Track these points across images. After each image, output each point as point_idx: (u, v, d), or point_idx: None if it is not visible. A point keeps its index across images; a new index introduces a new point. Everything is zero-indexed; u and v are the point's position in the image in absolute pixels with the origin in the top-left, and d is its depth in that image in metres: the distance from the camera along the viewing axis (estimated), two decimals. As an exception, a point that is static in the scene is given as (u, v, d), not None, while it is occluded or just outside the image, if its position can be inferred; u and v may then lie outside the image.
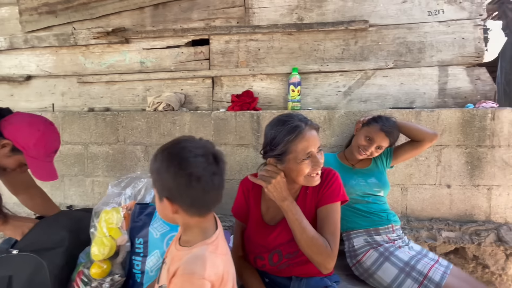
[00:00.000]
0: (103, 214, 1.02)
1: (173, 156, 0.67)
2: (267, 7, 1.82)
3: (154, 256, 1.01)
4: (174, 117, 1.75)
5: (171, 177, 0.66)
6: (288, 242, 0.89)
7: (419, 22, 1.69)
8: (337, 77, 1.77)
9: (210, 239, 0.70)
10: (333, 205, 0.89)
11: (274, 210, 0.95)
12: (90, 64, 2.02)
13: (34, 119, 0.99)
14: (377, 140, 1.29)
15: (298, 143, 0.83)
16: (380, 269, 1.10)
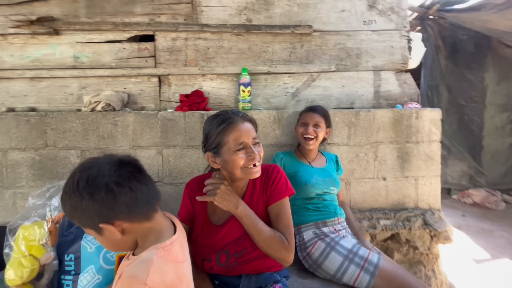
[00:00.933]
0: (21, 231, 0.86)
1: (80, 183, 0.60)
2: (215, 6, 1.79)
3: (88, 272, 0.90)
4: (115, 118, 1.60)
5: (91, 201, 0.60)
6: (235, 241, 0.89)
7: (356, 30, 1.85)
8: (285, 78, 1.84)
9: (163, 244, 0.65)
10: (283, 200, 0.93)
11: (221, 211, 0.93)
12: (8, 57, 1.73)
13: None
14: (309, 120, 1.42)
15: (230, 134, 0.85)
16: (327, 259, 1.16)
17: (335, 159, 1.51)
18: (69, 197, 0.61)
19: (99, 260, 0.92)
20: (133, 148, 1.62)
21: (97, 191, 0.59)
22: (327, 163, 1.46)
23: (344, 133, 1.69)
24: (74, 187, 0.60)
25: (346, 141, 1.69)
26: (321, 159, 1.48)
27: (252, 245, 0.88)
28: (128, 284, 0.57)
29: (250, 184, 0.94)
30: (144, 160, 1.62)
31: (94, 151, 1.60)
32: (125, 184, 0.61)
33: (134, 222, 0.64)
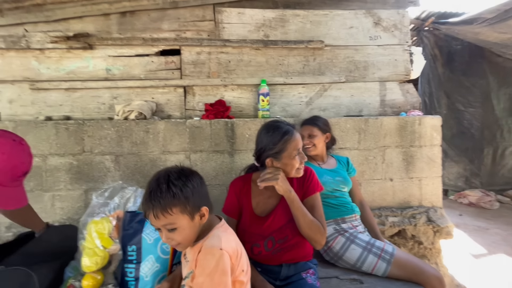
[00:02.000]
0: (93, 225, 1.01)
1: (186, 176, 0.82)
2: (236, 23, 1.96)
3: (148, 261, 1.04)
4: (147, 126, 1.75)
5: (198, 187, 0.82)
6: (279, 229, 1.05)
7: (363, 45, 2.04)
8: (300, 88, 2.01)
9: (220, 223, 0.86)
10: (317, 194, 1.12)
11: (263, 205, 1.10)
12: (45, 70, 1.87)
13: (1, 140, 0.89)
14: (303, 132, 1.56)
15: (292, 143, 1.05)
16: (347, 251, 1.31)
17: (346, 161, 1.65)
18: (191, 185, 0.79)
19: (157, 250, 1.06)
20: (163, 153, 1.76)
21: (199, 183, 0.83)
22: (338, 164, 1.62)
23: (354, 138, 1.86)
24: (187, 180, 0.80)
25: (356, 146, 1.86)
26: (332, 161, 1.63)
27: (292, 233, 1.04)
28: (210, 252, 0.76)
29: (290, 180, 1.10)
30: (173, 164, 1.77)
31: (127, 156, 1.74)
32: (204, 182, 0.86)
33: (210, 211, 0.85)
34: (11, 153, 0.89)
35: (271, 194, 1.10)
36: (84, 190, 1.73)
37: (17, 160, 0.91)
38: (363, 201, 1.61)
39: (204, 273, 0.73)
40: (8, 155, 0.88)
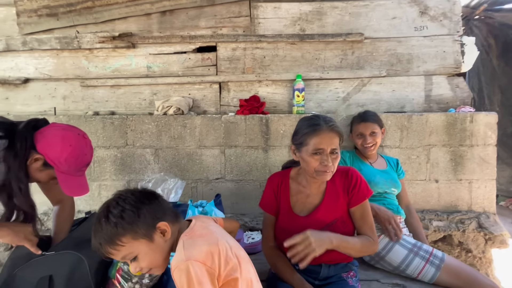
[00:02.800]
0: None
1: (123, 211, 0.71)
2: (271, 18, 1.94)
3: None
4: (184, 121, 1.80)
5: (137, 215, 0.71)
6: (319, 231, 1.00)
7: (407, 36, 1.90)
8: (336, 84, 1.94)
9: (186, 230, 0.76)
10: (365, 202, 1.03)
11: (301, 204, 1.06)
12: (94, 68, 2.01)
13: (67, 133, 0.97)
14: (365, 130, 1.50)
15: (313, 138, 0.95)
16: (390, 252, 1.24)
17: (396, 162, 1.58)
18: (121, 216, 0.70)
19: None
20: (199, 148, 1.81)
21: (142, 208, 0.72)
22: (388, 165, 1.54)
23: (396, 136, 1.75)
24: (123, 207, 0.71)
25: (398, 144, 1.75)
26: (382, 161, 1.56)
27: None
28: (177, 268, 0.66)
29: (329, 183, 1.05)
30: (209, 159, 1.81)
31: (166, 150, 1.82)
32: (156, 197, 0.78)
33: (171, 223, 0.75)
34: (76, 145, 0.97)
35: (310, 192, 1.07)
36: (127, 180, 1.84)
37: (81, 152, 0.98)
38: (410, 205, 1.52)
39: None
40: (73, 148, 0.95)
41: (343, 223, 1.01)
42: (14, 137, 0.89)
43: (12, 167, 0.87)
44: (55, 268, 0.95)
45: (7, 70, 2.03)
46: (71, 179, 0.97)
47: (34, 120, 0.98)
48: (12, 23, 2.01)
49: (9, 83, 2.02)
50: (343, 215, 1.01)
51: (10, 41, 1.99)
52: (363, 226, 1.02)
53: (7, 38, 1.99)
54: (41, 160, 0.93)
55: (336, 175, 1.04)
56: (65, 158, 0.94)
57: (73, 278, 0.95)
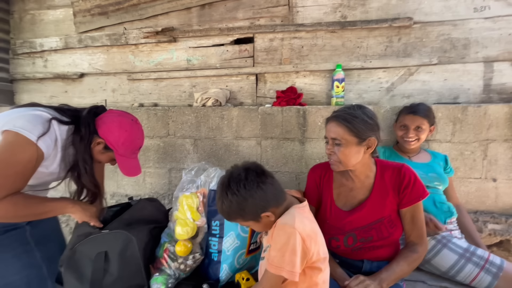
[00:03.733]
0: (184, 198, 1.12)
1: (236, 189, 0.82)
2: (311, 5, 1.88)
3: (229, 237, 1.11)
4: (222, 112, 1.84)
5: (250, 199, 0.81)
6: (362, 228, 0.97)
7: (464, 18, 1.71)
8: (380, 73, 1.82)
9: (299, 204, 0.86)
10: (419, 204, 0.96)
11: (344, 197, 1.03)
12: (139, 62, 2.14)
13: (123, 119, 1.06)
14: (410, 123, 1.39)
15: (325, 127, 1.04)
16: (437, 256, 1.16)
17: (443, 158, 1.45)
18: (234, 202, 0.81)
19: (238, 228, 1.12)
20: (236, 139, 1.84)
21: (254, 191, 0.80)
22: (432, 158, 1.43)
23: (447, 130, 1.60)
24: (235, 193, 0.81)
25: (449, 138, 1.61)
26: (424, 155, 1.45)
27: (378, 234, 0.95)
28: (282, 228, 0.78)
29: (377, 179, 1.00)
30: (245, 150, 1.83)
31: (204, 140, 1.88)
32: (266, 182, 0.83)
33: (278, 207, 0.84)
34: (131, 130, 1.06)
35: (353, 186, 1.03)
36: (168, 169, 1.95)
37: (135, 136, 1.08)
38: (460, 205, 1.40)
39: (276, 248, 0.77)
40: (129, 132, 1.05)
41: (390, 222, 0.96)
42: (79, 122, 0.99)
43: (79, 149, 0.97)
44: (109, 245, 1.04)
45: (66, 66, 2.25)
46: (128, 161, 1.07)
47: (95, 107, 1.09)
48: (69, 23, 2.21)
49: (68, 77, 2.24)
50: (391, 215, 0.96)
51: (68, 40, 2.19)
52: (412, 230, 0.96)
53: (66, 37, 2.20)
54: (102, 144, 1.03)
55: (387, 171, 0.99)
56: (122, 142, 1.03)
57: (125, 255, 1.03)
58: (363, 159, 0.98)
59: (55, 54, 2.26)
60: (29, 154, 0.86)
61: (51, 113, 0.97)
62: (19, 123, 0.87)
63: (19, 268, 0.98)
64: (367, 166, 1.02)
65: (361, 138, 0.95)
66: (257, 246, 1.19)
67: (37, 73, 2.28)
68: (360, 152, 0.96)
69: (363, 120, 0.95)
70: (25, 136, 0.85)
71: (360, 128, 0.94)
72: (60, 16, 2.24)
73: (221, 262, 1.09)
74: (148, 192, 2.00)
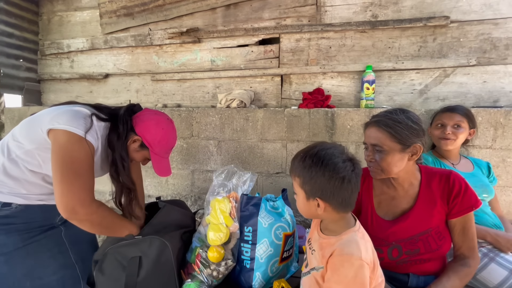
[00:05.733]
0: (216, 203, 1.08)
1: (326, 161, 0.73)
2: (339, 5, 1.82)
3: (263, 244, 1.07)
4: (247, 114, 1.81)
5: (326, 179, 0.72)
6: (408, 239, 0.91)
7: (506, 17, 1.61)
8: (412, 75, 1.74)
9: (356, 227, 0.76)
10: (470, 214, 0.89)
11: (385, 206, 0.97)
12: (163, 63, 2.14)
13: (159, 117, 1.05)
14: (447, 120, 1.31)
15: (365, 132, 0.98)
16: (484, 270, 1.08)
17: (486, 166, 1.36)
18: (313, 165, 0.73)
19: (271, 235, 1.08)
20: (261, 141, 1.81)
21: (335, 178, 0.71)
22: (475, 168, 1.34)
23: (488, 135, 1.51)
24: (322, 163, 0.72)
25: (490, 144, 1.51)
26: (466, 163, 1.36)
27: (426, 247, 0.89)
28: (348, 260, 0.69)
29: (423, 187, 0.94)
30: (270, 152, 1.79)
31: (228, 142, 1.85)
32: (352, 185, 0.73)
33: (336, 210, 0.75)
34: (168, 129, 1.05)
35: (395, 194, 0.97)
36: (191, 170, 1.94)
37: (171, 135, 1.06)
38: (504, 217, 1.30)
39: (340, 282, 0.68)
40: (165, 131, 1.03)
41: (438, 234, 0.89)
42: (117, 120, 0.99)
43: (116, 146, 0.97)
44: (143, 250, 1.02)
45: (91, 67, 2.28)
46: (161, 161, 1.06)
47: (132, 105, 1.08)
48: (95, 24, 2.24)
49: (93, 78, 2.27)
50: (439, 225, 0.89)
51: (94, 41, 2.22)
52: (463, 242, 0.89)
53: (92, 38, 2.23)
54: (139, 141, 1.02)
55: (433, 178, 0.92)
56: (158, 140, 1.02)
57: (159, 261, 1.01)
58: (407, 166, 0.92)
59: (81, 54, 2.29)
60: (86, 149, 0.88)
61: (90, 109, 0.97)
62: (63, 119, 0.87)
63: (55, 269, 0.97)
64: (411, 174, 0.95)
65: (405, 145, 0.89)
66: (289, 254, 1.14)
67: (63, 74, 2.33)
68: (403, 160, 0.90)
69: (407, 125, 0.89)
70: (74, 133, 0.85)
71: (404, 134, 0.88)
72: (87, 18, 2.27)
73: (254, 270, 1.05)
74: (170, 193, 1.99)
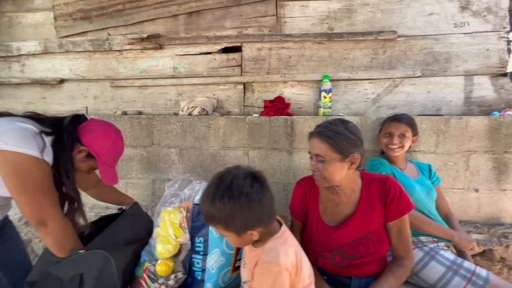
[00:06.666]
0: (166, 214, 1.06)
1: (235, 194, 0.71)
2: (298, 17, 1.89)
3: (214, 254, 1.06)
4: (209, 121, 1.80)
5: (246, 212, 0.72)
6: (349, 244, 0.95)
7: (445, 33, 1.77)
8: (366, 84, 1.85)
9: (279, 233, 0.80)
10: (405, 217, 0.95)
11: (330, 212, 1.01)
12: (123, 69, 2.07)
13: (107, 128, 1.06)
14: (394, 130, 1.40)
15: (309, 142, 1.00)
16: (425, 268, 1.15)
17: (427, 168, 1.47)
18: (228, 207, 0.71)
19: (223, 245, 1.08)
20: (223, 149, 1.80)
21: (253, 205, 0.72)
22: (419, 173, 1.43)
23: (431, 141, 1.63)
24: (234, 199, 0.71)
25: (433, 149, 1.64)
26: (412, 168, 1.46)
27: (366, 250, 0.93)
28: (267, 268, 0.72)
29: (363, 193, 0.98)
30: (232, 160, 1.80)
31: (190, 150, 1.83)
32: (268, 201, 0.76)
33: (264, 227, 0.78)
34: (115, 139, 1.06)
35: (339, 200, 1.01)
36: (152, 179, 1.88)
37: (118, 146, 1.09)
38: (451, 214, 1.41)
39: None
40: (113, 141, 1.05)
41: (377, 237, 0.94)
42: (61, 131, 0.96)
43: (61, 158, 0.95)
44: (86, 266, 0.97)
45: (45, 71, 2.15)
46: (108, 170, 1.06)
47: (77, 115, 1.07)
48: (49, 26, 2.12)
49: (46, 83, 2.14)
50: (378, 229, 0.95)
51: (48, 44, 2.10)
52: (399, 244, 0.94)
53: (45, 41, 2.11)
54: (85, 152, 1.01)
55: (373, 184, 0.97)
56: (107, 150, 1.03)
57: (102, 277, 0.96)
58: (348, 174, 0.97)
59: (33, 58, 2.16)
60: (44, 168, 0.89)
61: (33, 124, 0.93)
62: (11, 140, 0.84)
63: None
64: (353, 181, 1.00)
65: (344, 155, 0.93)
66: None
67: (13, 78, 2.17)
68: (343, 168, 0.94)
69: (345, 136, 0.93)
70: (30, 155, 0.85)
71: (343, 144, 0.92)
72: (40, 20, 2.15)
73: (205, 281, 1.04)
74: (130, 203, 1.91)
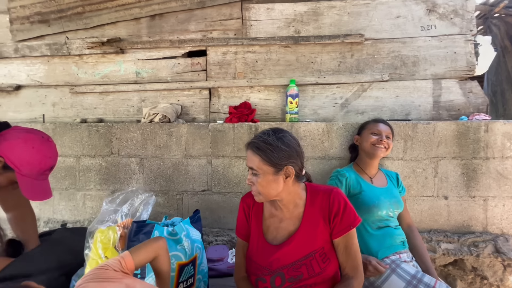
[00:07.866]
0: (98, 234, 0.96)
1: None
2: (264, 20, 1.83)
3: (152, 277, 0.96)
4: (170, 129, 1.72)
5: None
6: (291, 265, 0.86)
7: (412, 36, 1.73)
8: (334, 89, 1.79)
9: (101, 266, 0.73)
10: (350, 232, 0.87)
11: (274, 229, 0.93)
12: (83, 74, 1.97)
13: (30, 135, 0.95)
14: (382, 131, 1.36)
15: None
16: (386, 283, 1.08)
17: (395, 176, 1.41)
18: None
19: (162, 266, 0.98)
20: (185, 157, 1.71)
21: None
22: (388, 182, 1.37)
23: (399, 147, 1.58)
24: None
25: (401, 156, 1.58)
26: (381, 176, 1.39)
27: (309, 271, 0.85)
28: None
29: (307, 207, 0.90)
30: (195, 169, 1.71)
31: (151, 159, 1.73)
32: None
33: None
34: (40, 148, 0.94)
35: (283, 216, 0.92)
36: (112, 191, 1.77)
37: (44, 155, 0.96)
38: (413, 225, 1.34)
39: None
40: (37, 150, 0.93)
41: (322, 256, 0.86)
42: None
43: None
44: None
45: (0, 77, 2.03)
46: (33, 183, 0.93)
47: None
48: (5, 30, 2.01)
49: (2, 90, 2.01)
50: (324, 246, 0.86)
51: (2, 48, 1.98)
52: (346, 262, 0.86)
53: (0, 45, 1.99)
54: (1, 163, 0.89)
55: (317, 197, 0.90)
56: (27, 161, 0.91)
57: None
58: (287, 187, 0.89)
59: (-12, 64, 2.04)
60: None
61: None
62: None
63: None
64: (295, 194, 0.92)
65: (277, 168, 0.85)
66: (188, 285, 1.05)
67: (-35, 85, 2.04)
68: (278, 182, 0.86)
69: (277, 147, 0.85)
70: None
71: (274, 157, 0.85)
72: (-5, 23, 2.04)
73: (141, 308, 0.94)
74: (88, 217, 1.80)
